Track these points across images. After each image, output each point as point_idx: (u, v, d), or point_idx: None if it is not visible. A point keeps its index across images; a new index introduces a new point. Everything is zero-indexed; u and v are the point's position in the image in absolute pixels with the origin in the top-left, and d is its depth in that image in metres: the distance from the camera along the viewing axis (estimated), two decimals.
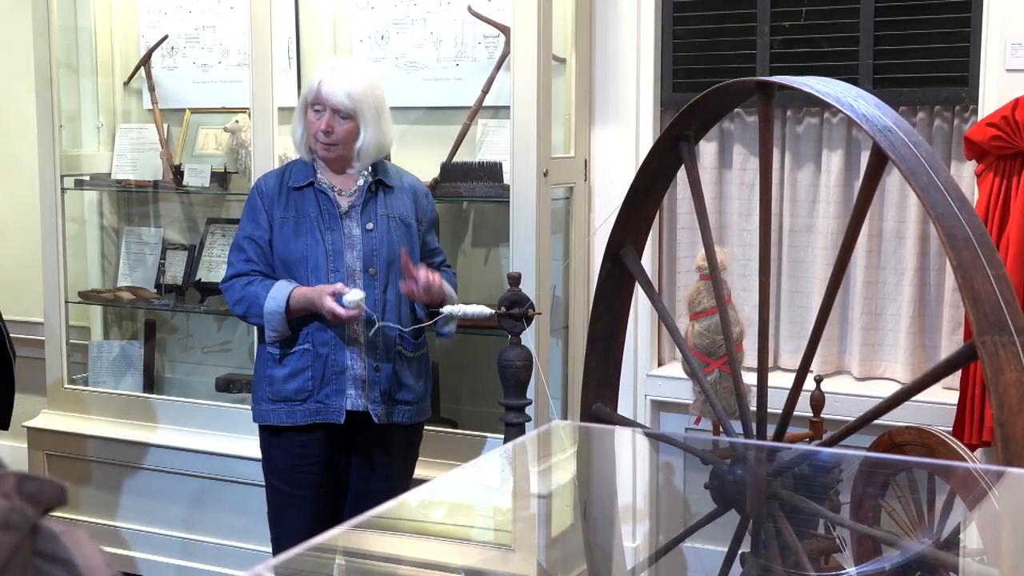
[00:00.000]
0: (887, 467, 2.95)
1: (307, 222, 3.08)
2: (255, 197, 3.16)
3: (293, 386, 3.08)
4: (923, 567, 2.76)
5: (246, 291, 3.08)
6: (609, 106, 3.84)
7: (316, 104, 3.08)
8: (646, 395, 3.89)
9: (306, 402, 3.08)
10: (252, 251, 3.12)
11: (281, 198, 3.12)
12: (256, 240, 3.12)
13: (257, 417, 3.18)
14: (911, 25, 3.52)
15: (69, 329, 4.26)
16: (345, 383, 3.07)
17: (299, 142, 3.16)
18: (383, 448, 3.18)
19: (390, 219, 3.13)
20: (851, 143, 3.67)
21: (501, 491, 2.75)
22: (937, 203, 2.20)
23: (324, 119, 3.07)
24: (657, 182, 3.00)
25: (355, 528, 1.94)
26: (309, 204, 3.10)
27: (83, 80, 4.38)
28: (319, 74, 3.10)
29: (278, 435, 3.13)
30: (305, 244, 3.07)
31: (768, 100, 2.61)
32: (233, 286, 3.12)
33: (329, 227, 3.08)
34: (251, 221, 3.14)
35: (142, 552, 4.07)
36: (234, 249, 3.17)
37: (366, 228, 3.10)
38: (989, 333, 2.10)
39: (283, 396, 3.09)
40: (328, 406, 3.07)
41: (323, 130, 3.06)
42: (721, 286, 2.87)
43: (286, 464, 3.13)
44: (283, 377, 3.09)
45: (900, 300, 3.66)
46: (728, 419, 2.96)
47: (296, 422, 3.09)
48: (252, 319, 3.10)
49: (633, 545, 3.62)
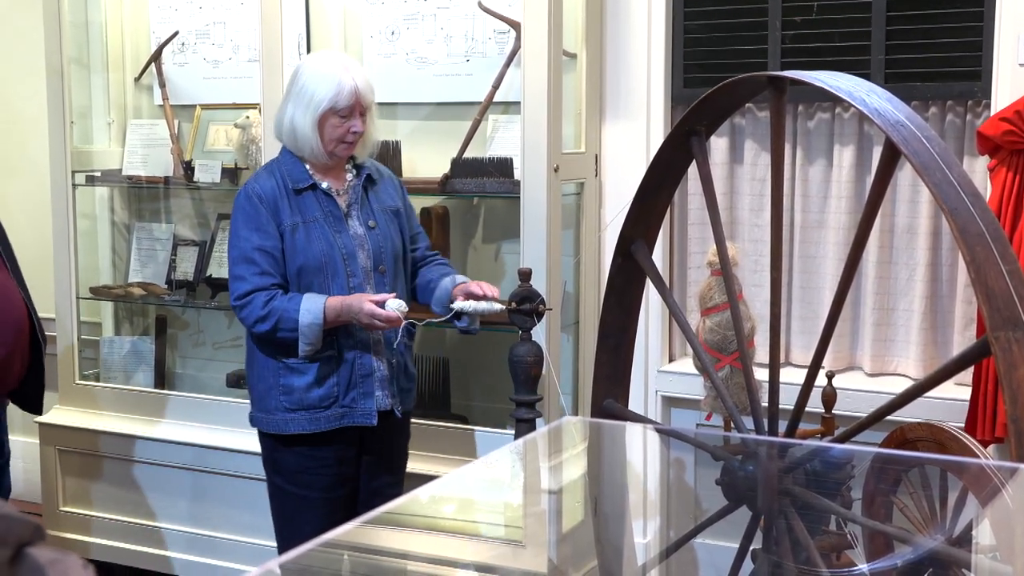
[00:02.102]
0: (899, 463, 2.94)
1: (316, 226, 3.01)
2: (255, 204, 2.99)
3: (318, 393, 3.02)
4: (935, 564, 2.75)
5: (271, 307, 2.95)
6: (620, 101, 3.83)
7: (343, 110, 2.98)
8: (657, 391, 3.88)
9: (330, 408, 3.03)
10: (266, 263, 2.98)
11: (284, 202, 3.01)
12: (268, 250, 2.98)
13: (269, 426, 3.08)
14: (923, 19, 3.50)
15: (80, 325, 4.27)
16: (373, 385, 3.05)
17: (314, 150, 3.01)
18: (393, 441, 3.18)
19: (385, 213, 3.12)
20: (863, 138, 3.65)
21: (512, 487, 2.74)
22: (950, 198, 2.18)
23: (355, 121, 2.99)
24: (668, 177, 3.00)
25: (365, 524, 1.93)
26: (312, 207, 3.03)
27: (94, 76, 4.39)
28: (333, 77, 2.97)
29: (290, 442, 3.07)
30: (321, 250, 2.99)
31: (780, 95, 2.59)
32: (253, 302, 2.97)
33: (337, 229, 3.03)
34: (256, 231, 2.99)
35: (152, 547, 4.08)
36: (242, 262, 2.99)
37: (369, 226, 3.08)
38: (1002, 329, 2.08)
39: (305, 404, 3.02)
40: (355, 410, 3.04)
41: (355, 132, 3.00)
42: (732, 282, 2.86)
43: (297, 468, 3.09)
44: (306, 386, 3.01)
45: (912, 296, 3.64)
46: (739, 415, 2.95)
47: (319, 429, 3.03)
48: (281, 334, 2.95)
49: (644, 541, 3.61)
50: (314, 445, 3.06)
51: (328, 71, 2.99)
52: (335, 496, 3.11)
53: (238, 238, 3.01)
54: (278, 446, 3.10)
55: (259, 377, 3.10)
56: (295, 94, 3.02)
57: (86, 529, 4.18)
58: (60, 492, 4.22)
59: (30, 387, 3.37)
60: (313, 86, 2.98)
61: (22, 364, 3.27)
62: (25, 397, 3.41)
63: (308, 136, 3.00)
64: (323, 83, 2.98)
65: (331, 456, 3.08)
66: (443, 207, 3.90)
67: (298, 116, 3.01)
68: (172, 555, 4.06)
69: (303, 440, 3.05)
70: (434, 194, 3.81)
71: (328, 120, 2.99)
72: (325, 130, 3.00)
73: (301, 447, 3.06)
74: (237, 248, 3.01)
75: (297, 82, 3.04)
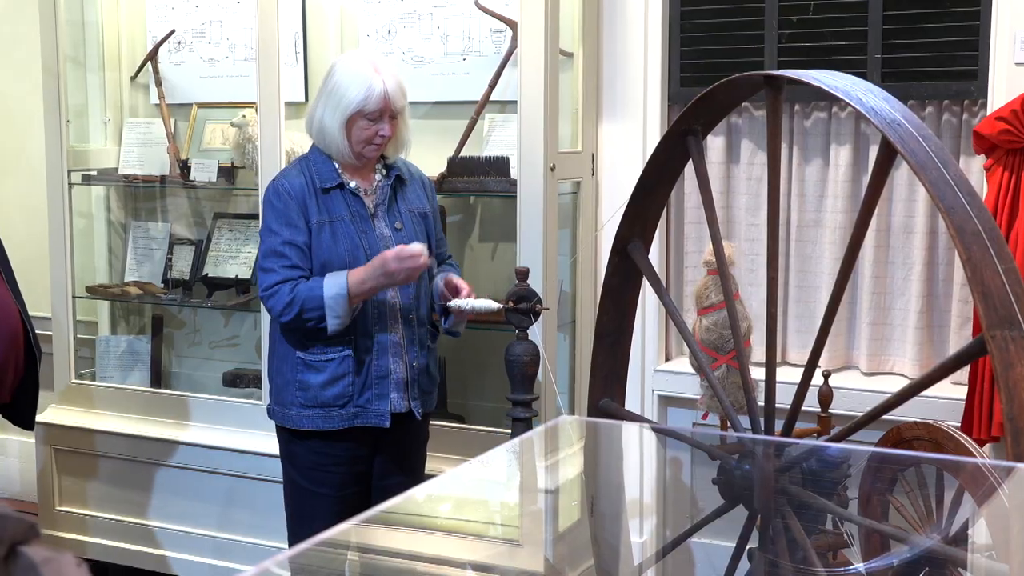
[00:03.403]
0: (895, 462, 2.94)
1: (342, 226, 2.99)
2: (286, 199, 2.99)
3: (332, 392, 3.01)
4: (932, 563, 2.75)
5: (296, 292, 2.94)
6: (616, 100, 3.83)
7: (372, 113, 2.95)
8: (653, 390, 3.88)
9: (345, 407, 3.02)
10: (296, 256, 2.97)
11: (312, 200, 2.99)
12: (299, 245, 2.97)
13: (285, 421, 3.08)
14: (920, 19, 3.50)
15: (76, 324, 4.27)
16: (388, 387, 3.03)
17: (341, 150, 2.99)
18: (409, 443, 3.17)
19: (412, 215, 3.11)
20: (859, 137, 3.66)
21: (508, 486, 2.74)
22: (946, 197, 2.19)
23: (385, 126, 2.97)
24: (665, 177, 3.00)
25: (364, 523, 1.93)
26: (339, 206, 3.01)
27: (90, 75, 4.38)
28: (364, 79, 2.94)
29: (304, 437, 3.07)
30: (346, 249, 2.98)
31: (776, 94, 2.60)
32: (280, 292, 2.95)
33: (362, 230, 3.01)
34: (287, 225, 2.98)
35: (149, 547, 4.08)
36: (271, 255, 2.98)
37: (395, 227, 3.06)
38: (999, 328, 2.09)
39: (320, 402, 3.01)
40: (369, 410, 3.02)
41: (383, 135, 2.98)
42: (729, 281, 2.86)
43: (311, 464, 3.08)
44: (321, 384, 3.01)
45: (909, 295, 3.65)
46: (736, 414, 2.96)
47: (333, 427, 3.03)
48: (308, 316, 2.93)
49: (640, 540, 3.61)
50: (327, 441, 3.05)
51: (359, 73, 2.96)
52: (347, 494, 3.09)
53: (268, 233, 3.01)
54: (293, 439, 3.10)
55: (278, 371, 3.10)
56: (326, 93, 3.00)
57: (82, 528, 4.17)
58: (56, 491, 4.21)
59: (23, 401, 3.33)
60: (343, 87, 2.96)
61: (15, 375, 3.25)
62: (17, 411, 3.36)
63: (336, 137, 2.99)
64: (353, 85, 2.95)
65: (344, 454, 3.07)
66: (440, 206, 3.89)
67: (327, 116, 2.99)
68: (169, 554, 4.05)
69: (317, 435, 3.05)
70: None
71: (356, 122, 2.97)
72: (353, 132, 2.97)
73: (314, 441, 3.06)
74: (267, 243, 3.01)
75: (329, 82, 3.02)
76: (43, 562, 0.89)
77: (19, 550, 0.87)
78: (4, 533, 0.87)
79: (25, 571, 0.88)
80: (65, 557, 0.91)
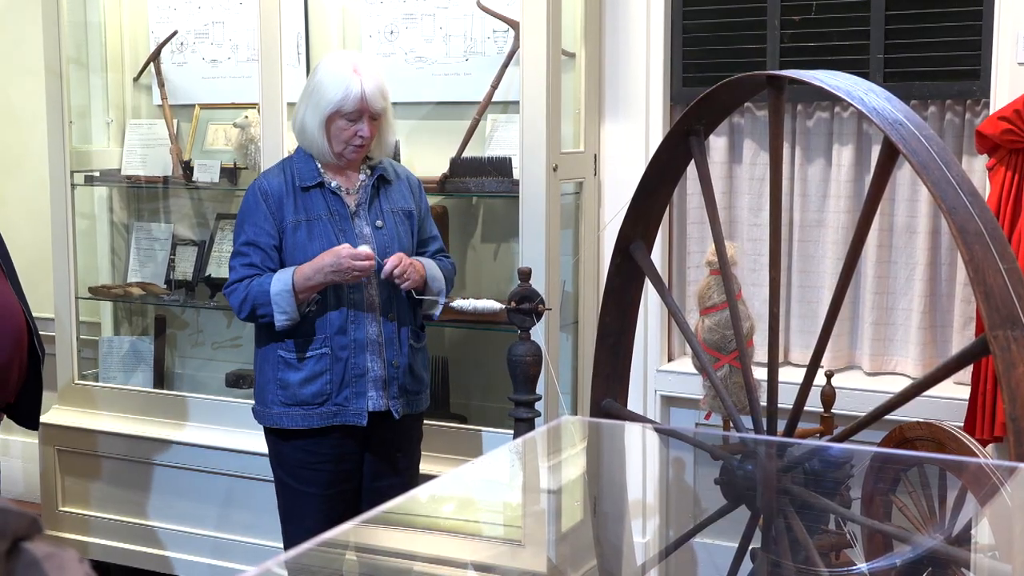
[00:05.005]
0: (898, 462, 2.94)
1: (319, 224, 3.02)
2: (258, 200, 3.03)
3: (311, 390, 3.04)
4: (934, 563, 2.74)
5: (248, 289, 3.00)
6: (619, 101, 3.83)
7: (350, 114, 2.98)
8: (656, 390, 3.88)
9: (323, 405, 3.04)
10: (256, 256, 3.02)
11: (290, 199, 3.03)
12: (261, 246, 3.02)
13: (267, 420, 3.13)
14: (922, 19, 3.50)
15: (79, 325, 4.27)
16: (366, 385, 3.05)
17: (321, 150, 3.03)
18: (397, 443, 3.18)
19: (395, 214, 3.13)
20: (862, 137, 3.65)
21: (511, 486, 2.74)
22: (949, 197, 2.18)
23: (363, 126, 2.99)
24: (667, 177, 2.99)
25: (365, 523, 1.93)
26: (318, 205, 3.04)
27: (93, 76, 4.39)
28: (343, 80, 2.96)
29: (289, 437, 3.10)
30: (321, 247, 3.00)
31: (778, 94, 2.59)
32: (236, 289, 3.03)
33: (341, 228, 3.03)
34: (254, 226, 3.03)
35: (151, 547, 4.08)
36: (234, 255, 3.07)
37: (376, 226, 3.08)
38: (1001, 328, 2.08)
39: (298, 400, 3.04)
40: (347, 408, 3.04)
41: (363, 136, 3.00)
42: (731, 281, 2.86)
43: (297, 463, 3.11)
44: (299, 381, 3.04)
45: (911, 295, 3.64)
46: (738, 414, 2.95)
47: (312, 425, 3.05)
48: (260, 312, 3.00)
49: (643, 541, 3.61)
50: (312, 439, 3.07)
51: (338, 73, 2.99)
52: (334, 493, 3.11)
53: (236, 231, 3.09)
54: (279, 439, 3.13)
55: (260, 370, 3.15)
56: (308, 93, 3.05)
57: (85, 529, 4.18)
58: (59, 492, 4.22)
59: (27, 401, 3.34)
60: (323, 87, 2.99)
61: (19, 375, 3.25)
62: (21, 411, 3.37)
63: (315, 136, 3.02)
64: (332, 85, 2.98)
65: (330, 452, 3.09)
66: (442, 207, 3.90)
67: (308, 116, 3.03)
68: (171, 555, 4.06)
69: (301, 434, 3.07)
70: (433, 193, 3.80)
71: (335, 122, 3.00)
72: (332, 131, 3.00)
73: (299, 440, 3.08)
74: (234, 242, 3.09)
75: (311, 81, 3.06)
76: (45, 557, 0.89)
77: (21, 545, 0.87)
78: (6, 528, 0.87)
79: (27, 566, 0.88)
80: (67, 552, 0.91)
